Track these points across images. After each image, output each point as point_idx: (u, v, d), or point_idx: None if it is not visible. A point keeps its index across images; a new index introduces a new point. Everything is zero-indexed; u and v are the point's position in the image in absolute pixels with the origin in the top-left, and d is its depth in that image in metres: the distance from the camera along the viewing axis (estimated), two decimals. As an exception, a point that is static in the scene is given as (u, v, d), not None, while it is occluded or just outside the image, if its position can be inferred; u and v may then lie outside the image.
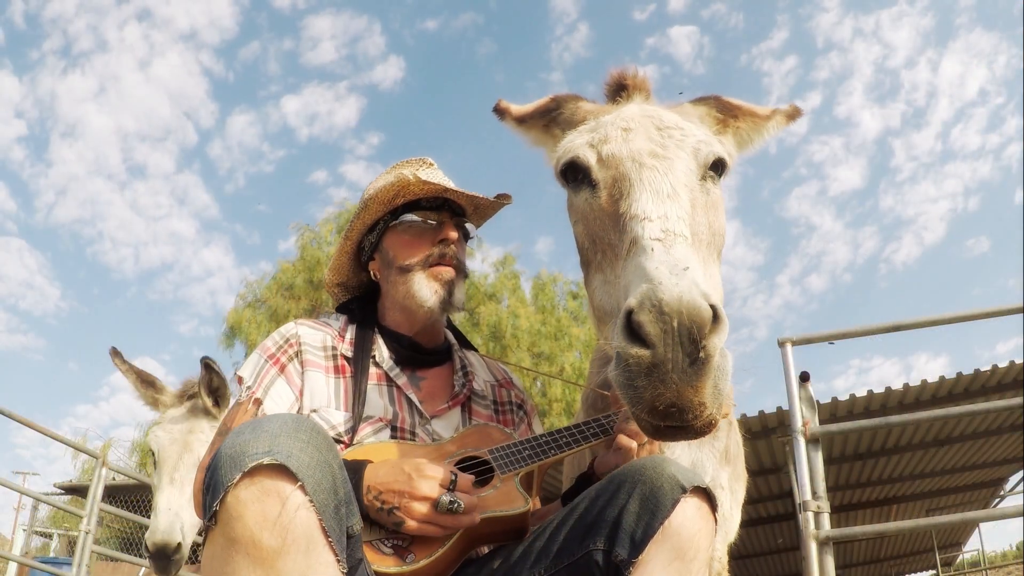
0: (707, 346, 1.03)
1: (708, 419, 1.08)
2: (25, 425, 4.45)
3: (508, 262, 15.47)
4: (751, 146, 1.74)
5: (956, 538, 15.63)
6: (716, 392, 1.06)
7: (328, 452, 1.10)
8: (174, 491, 2.99)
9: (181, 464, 3.04)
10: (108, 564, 10.80)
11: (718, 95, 1.71)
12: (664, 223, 1.21)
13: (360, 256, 1.78)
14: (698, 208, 1.35)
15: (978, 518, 5.59)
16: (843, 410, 7.74)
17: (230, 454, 1.04)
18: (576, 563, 1.27)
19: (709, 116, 1.65)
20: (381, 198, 1.67)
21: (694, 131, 1.45)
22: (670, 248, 1.15)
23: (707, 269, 1.30)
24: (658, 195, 1.28)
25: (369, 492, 1.31)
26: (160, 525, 2.88)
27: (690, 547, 1.20)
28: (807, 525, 2.86)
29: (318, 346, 1.62)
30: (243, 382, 1.55)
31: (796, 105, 1.76)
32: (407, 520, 1.29)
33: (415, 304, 1.64)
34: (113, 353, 3.29)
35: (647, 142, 1.39)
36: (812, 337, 3.29)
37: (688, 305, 1.02)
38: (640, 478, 1.25)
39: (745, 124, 1.69)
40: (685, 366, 1.03)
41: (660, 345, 1.02)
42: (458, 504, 1.28)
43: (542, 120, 1.68)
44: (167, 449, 3.09)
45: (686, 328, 1.02)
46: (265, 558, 0.99)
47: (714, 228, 1.38)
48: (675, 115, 1.51)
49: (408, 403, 1.60)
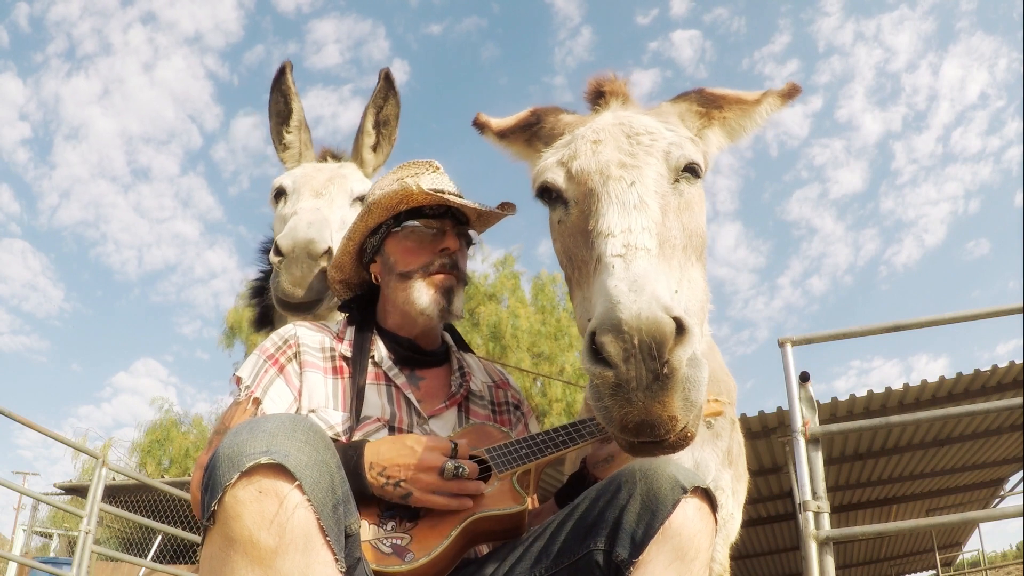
0: (670, 360, 1.04)
1: (682, 432, 1.09)
2: (25, 425, 4.45)
3: (508, 262, 15.50)
4: (744, 134, 1.69)
5: (956, 538, 15.63)
6: (687, 404, 1.07)
7: (325, 451, 1.10)
8: (321, 202, 2.38)
9: (331, 185, 2.46)
10: (108, 564, 10.80)
11: (702, 87, 1.67)
12: (627, 237, 1.21)
13: (362, 257, 1.79)
14: (670, 213, 1.33)
15: (978, 518, 5.59)
16: (843, 410, 7.74)
17: (228, 454, 1.04)
18: (576, 563, 1.27)
19: (690, 112, 1.63)
20: (385, 203, 1.67)
21: (665, 134, 1.43)
22: (630, 264, 1.15)
23: (684, 274, 1.29)
24: (624, 207, 1.28)
25: (372, 468, 1.32)
26: (304, 218, 2.19)
27: (691, 547, 1.20)
28: (807, 525, 2.85)
29: (316, 347, 1.62)
30: (242, 382, 1.55)
31: (794, 83, 1.69)
32: (414, 491, 1.30)
33: (414, 311, 1.64)
34: (289, 67, 2.68)
35: (616, 152, 1.39)
36: (812, 337, 3.28)
37: (647, 322, 1.03)
38: (641, 478, 1.25)
39: (732, 113, 1.65)
40: (649, 383, 1.04)
41: (621, 364, 1.04)
42: (462, 468, 1.31)
43: (523, 134, 1.65)
44: (311, 174, 2.51)
45: (646, 345, 1.03)
46: (263, 557, 0.99)
47: (690, 230, 1.36)
48: (649, 119, 1.49)
49: (406, 403, 1.60)
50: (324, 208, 2.34)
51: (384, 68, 2.67)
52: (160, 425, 17.51)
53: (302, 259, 2.12)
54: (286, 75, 2.69)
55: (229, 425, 1.47)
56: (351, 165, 2.69)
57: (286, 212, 2.42)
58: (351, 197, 2.50)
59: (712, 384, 1.92)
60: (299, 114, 2.72)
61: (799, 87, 1.68)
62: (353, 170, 2.65)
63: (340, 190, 2.48)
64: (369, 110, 2.73)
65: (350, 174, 2.59)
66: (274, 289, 2.20)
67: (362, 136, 2.73)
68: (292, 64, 2.69)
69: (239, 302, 15.65)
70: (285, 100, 2.71)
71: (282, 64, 2.70)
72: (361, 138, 2.73)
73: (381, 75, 2.70)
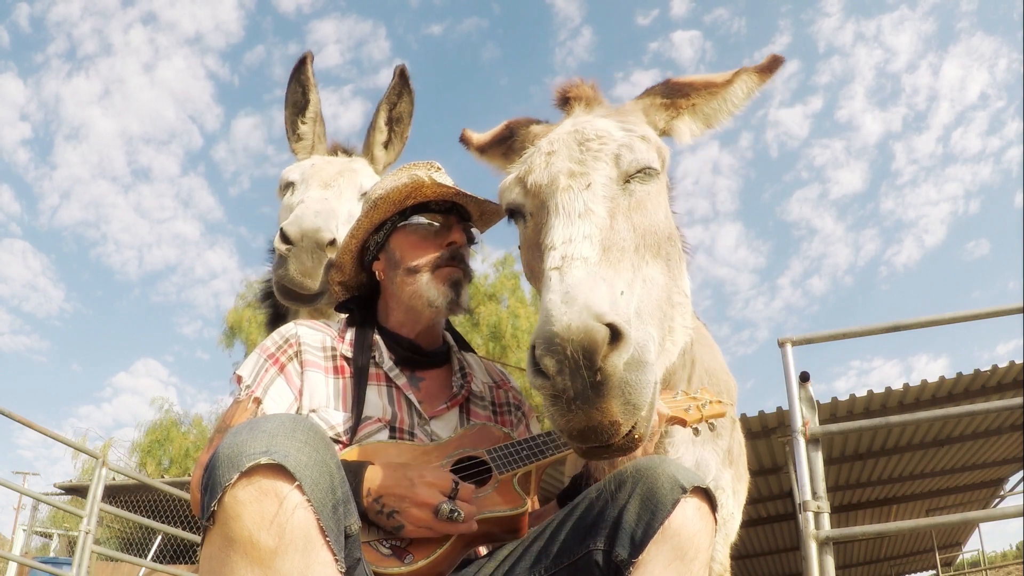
0: (603, 368, 1.07)
1: (629, 435, 1.13)
2: (25, 425, 4.46)
3: (508, 262, 15.48)
4: (721, 117, 1.65)
5: (956, 538, 15.62)
6: (628, 408, 1.10)
7: (325, 452, 1.10)
8: (329, 193, 2.33)
9: (341, 178, 2.41)
10: (108, 564, 10.81)
11: (669, 78, 1.65)
12: (565, 248, 1.23)
13: (363, 256, 1.78)
14: (619, 216, 1.34)
15: (978, 518, 5.58)
16: (843, 410, 7.74)
17: (227, 454, 1.04)
18: (576, 563, 1.27)
19: (654, 106, 1.62)
20: (392, 198, 1.67)
21: (616, 136, 1.44)
22: (565, 276, 1.16)
23: (639, 274, 1.29)
24: (569, 217, 1.30)
25: (369, 495, 1.32)
26: (311, 207, 2.14)
27: (690, 547, 1.20)
28: (807, 525, 2.85)
29: (317, 346, 1.62)
30: (242, 381, 1.55)
31: (775, 54, 1.63)
32: (406, 524, 1.30)
33: (422, 304, 1.64)
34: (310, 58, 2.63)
35: (566, 161, 1.40)
36: (812, 337, 3.28)
37: (577, 332, 1.06)
38: (640, 478, 1.25)
39: (701, 99, 1.62)
40: (584, 391, 1.07)
41: (556, 376, 1.07)
42: (458, 514, 1.30)
43: (500, 148, 1.66)
44: (321, 167, 2.46)
45: (579, 355, 1.05)
46: (263, 558, 0.99)
47: (643, 229, 1.36)
48: (606, 122, 1.50)
49: (407, 403, 1.60)
50: (332, 199, 2.30)
51: (400, 64, 2.63)
52: (160, 425, 17.52)
53: (311, 248, 2.07)
54: (306, 65, 2.65)
55: (230, 424, 1.47)
56: (362, 160, 2.66)
57: (293, 201, 2.38)
58: (359, 192, 2.46)
59: (712, 383, 1.91)
60: (316, 106, 2.68)
61: (779, 57, 1.64)
62: (364, 165, 2.61)
63: (349, 183, 2.44)
64: (382, 106, 2.69)
65: (361, 169, 2.56)
66: (280, 278, 2.15)
67: (374, 132, 2.69)
68: (313, 55, 2.65)
69: (239, 302, 15.67)
70: (303, 90, 2.67)
71: (303, 54, 2.66)
72: (373, 134, 2.69)
73: (396, 71, 2.66)
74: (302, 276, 2.09)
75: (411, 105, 2.69)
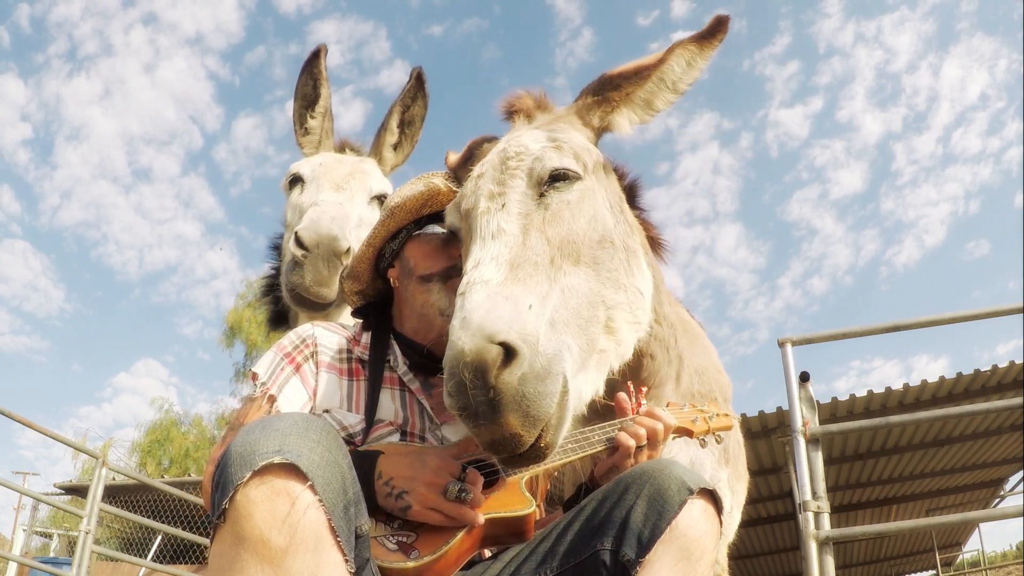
0: (496, 385, 1.11)
1: (537, 446, 1.17)
2: (25, 425, 4.46)
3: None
4: (662, 98, 1.60)
5: (956, 538, 15.64)
6: (528, 420, 1.14)
7: (338, 452, 1.11)
8: (342, 196, 2.28)
9: (352, 181, 2.38)
10: (108, 564, 10.80)
11: (604, 72, 1.62)
12: (472, 273, 1.26)
13: (379, 263, 1.78)
14: (532, 230, 1.35)
15: (978, 518, 5.59)
16: (843, 410, 7.75)
17: (240, 452, 1.04)
18: (583, 563, 1.27)
19: (586, 106, 1.62)
20: (409, 206, 1.68)
21: (531, 149, 1.45)
22: (465, 300, 1.20)
23: (555, 285, 1.29)
24: (483, 240, 1.33)
25: (380, 478, 1.33)
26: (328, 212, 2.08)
27: (696, 548, 1.21)
28: (807, 525, 2.86)
29: (334, 348, 1.62)
30: (258, 378, 1.55)
31: (718, 15, 1.56)
32: (414, 505, 1.30)
33: (434, 312, 1.64)
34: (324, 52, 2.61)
35: (489, 183, 1.43)
36: (812, 337, 3.29)
37: (470, 354, 1.11)
38: (647, 480, 1.26)
39: (634, 87, 1.59)
40: (484, 408, 1.12)
41: (456, 395, 1.13)
42: (466, 493, 1.30)
43: (465, 170, 1.64)
44: (332, 166, 2.42)
45: (472, 375, 1.11)
46: (273, 557, 1.00)
47: (559, 240, 1.36)
48: (532, 134, 1.51)
49: (420, 408, 1.60)
50: (346, 204, 2.29)
51: (416, 67, 2.61)
52: (160, 425, 17.52)
53: (327, 256, 2.05)
54: (319, 59, 2.63)
55: (243, 421, 1.47)
56: (371, 161, 2.64)
57: (303, 201, 2.35)
58: (370, 195, 2.45)
59: (702, 382, 1.92)
60: (326, 101, 2.67)
61: (722, 18, 1.57)
62: (373, 167, 2.59)
63: (360, 187, 2.43)
64: (395, 108, 2.68)
65: (371, 171, 2.54)
66: (295, 285, 2.12)
67: (384, 133, 2.68)
68: (327, 49, 2.63)
69: (239, 302, 15.66)
70: (315, 84, 2.66)
71: (317, 47, 2.65)
72: (383, 135, 2.68)
73: (413, 74, 2.65)
74: (318, 286, 2.07)
75: (425, 109, 2.69)
